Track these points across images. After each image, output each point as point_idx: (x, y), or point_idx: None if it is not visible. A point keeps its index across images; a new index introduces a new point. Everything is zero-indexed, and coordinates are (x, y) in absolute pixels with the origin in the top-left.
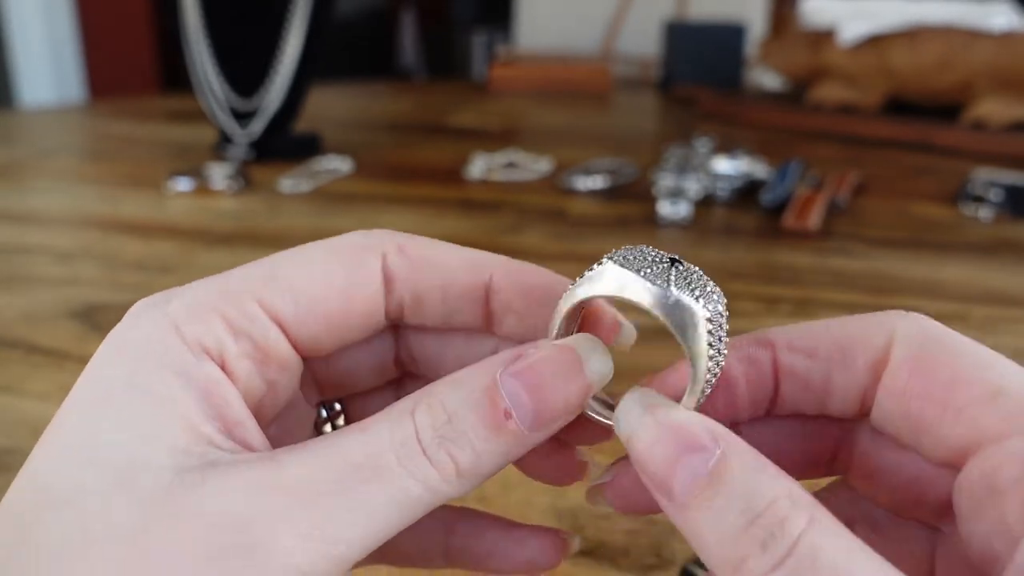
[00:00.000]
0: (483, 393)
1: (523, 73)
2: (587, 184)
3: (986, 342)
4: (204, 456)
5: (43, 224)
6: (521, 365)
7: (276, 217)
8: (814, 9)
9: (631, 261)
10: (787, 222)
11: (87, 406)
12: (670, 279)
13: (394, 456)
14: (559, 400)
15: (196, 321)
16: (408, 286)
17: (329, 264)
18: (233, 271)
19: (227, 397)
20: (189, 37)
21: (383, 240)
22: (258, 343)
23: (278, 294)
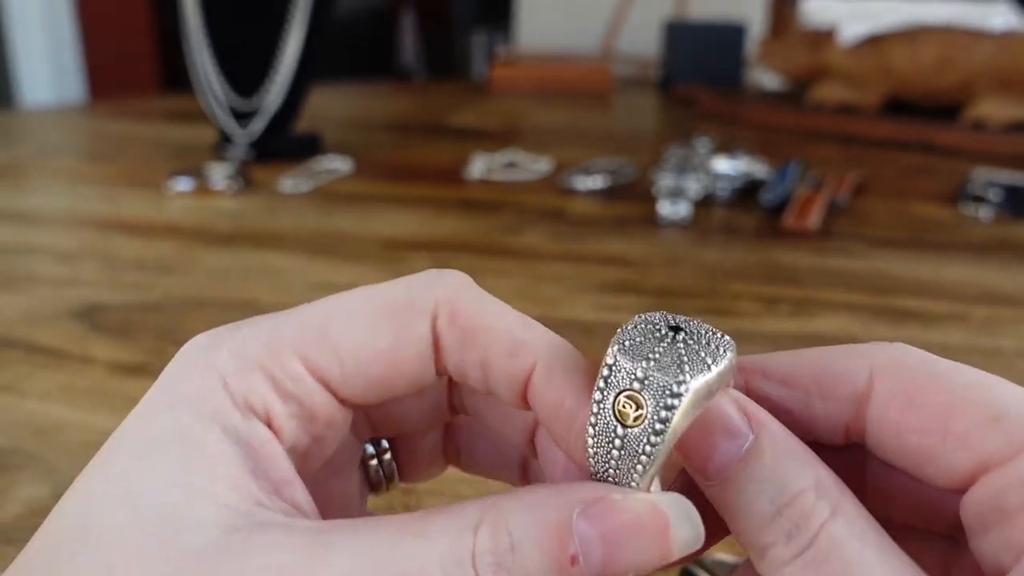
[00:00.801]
0: (554, 531)
1: (523, 73)
2: (587, 184)
3: (986, 342)
4: (250, 516)
5: (43, 224)
6: (601, 513)
7: (276, 217)
8: (814, 9)
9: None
10: (787, 222)
11: (134, 451)
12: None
13: (441, 573)
14: (634, 561)
15: (243, 378)
16: (453, 356)
17: (377, 326)
18: (285, 317)
19: (274, 456)
20: (189, 37)
21: (437, 297)
22: (304, 404)
23: (324, 355)
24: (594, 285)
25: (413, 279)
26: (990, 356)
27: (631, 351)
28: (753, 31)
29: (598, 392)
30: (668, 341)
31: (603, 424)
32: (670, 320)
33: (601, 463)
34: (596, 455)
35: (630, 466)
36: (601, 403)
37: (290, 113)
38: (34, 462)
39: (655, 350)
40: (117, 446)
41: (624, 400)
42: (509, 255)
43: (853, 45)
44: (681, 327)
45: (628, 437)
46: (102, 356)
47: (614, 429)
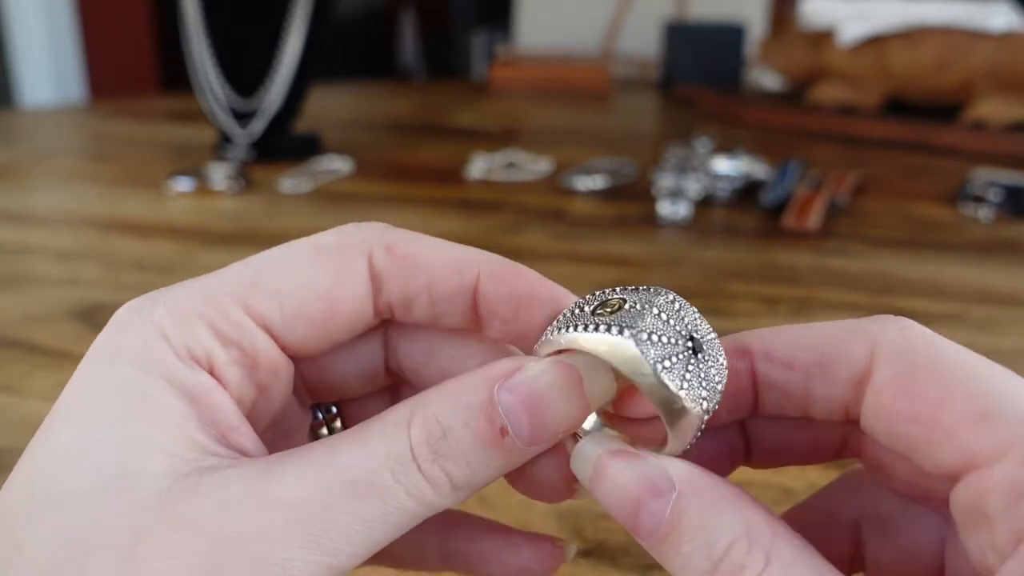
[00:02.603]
0: (479, 409)
1: (523, 73)
2: (587, 184)
3: (986, 342)
4: (199, 463)
5: (43, 224)
6: (519, 381)
7: (276, 217)
8: (814, 10)
9: (652, 343)
10: (787, 222)
11: (78, 412)
12: (685, 378)
13: (389, 473)
14: (557, 419)
15: (183, 328)
16: (395, 287)
17: (314, 266)
18: (218, 273)
19: (219, 403)
20: (189, 37)
21: (370, 237)
22: (246, 349)
23: (263, 299)
24: (594, 285)
25: (342, 227)
26: (990, 356)
27: (658, 316)
28: (753, 31)
29: (600, 292)
30: (687, 354)
31: (572, 309)
32: (692, 331)
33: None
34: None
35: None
36: (596, 293)
37: (290, 113)
38: None
39: (673, 354)
40: (61, 410)
41: (617, 300)
42: (509, 255)
43: (853, 45)
44: (701, 347)
45: (583, 310)
46: None
47: (582, 306)
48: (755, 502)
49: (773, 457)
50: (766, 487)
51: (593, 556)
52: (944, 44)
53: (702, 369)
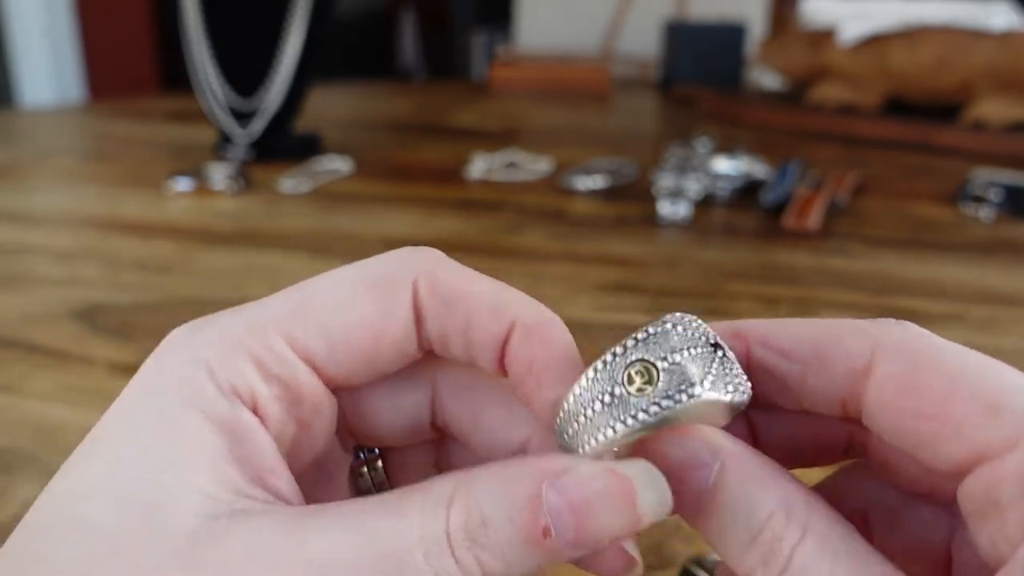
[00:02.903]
0: (524, 504)
1: (523, 73)
2: (587, 184)
3: (986, 342)
4: (232, 504)
5: (43, 224)
6: (569, 483)
7: (276, 217)
8: (814, 9)
9: (707, 382)
10: (787, 222)
11: (117, 438)
12: (726, 383)
13: (422, 554)
14: (605, 530)
15: (227, 362)
16: (435, 324)
17: (360, 298)
18: (265, 301)
19: (258, 442)
20: (189, 37)
21: (416, 269)
22: (289, 384)
23: (308, 331)
24: (594, 285)
25: (390, 255)
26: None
27: (679, 335)
28: (753, 31)
29: (621, 347)
30: (708, 349)
31: (606, 376)
32: (712, 337)
33: (576, 412)
34: (578, 401)
35: (602, 425)
36: (619, 356)
37: (290, 113)
38: (33, 462)
39: (695, 347)
40: (100, 435)
41: (641, 367)
42: (509, 255)
43: (853, 45)
44: (721, 346)
45: (621, 399)
46: (102, 356)
47: (612, 386)
48: (793, 477)
49: (780, 457)
50: None
51: None
52: (944, 44)
53: (726, 364)
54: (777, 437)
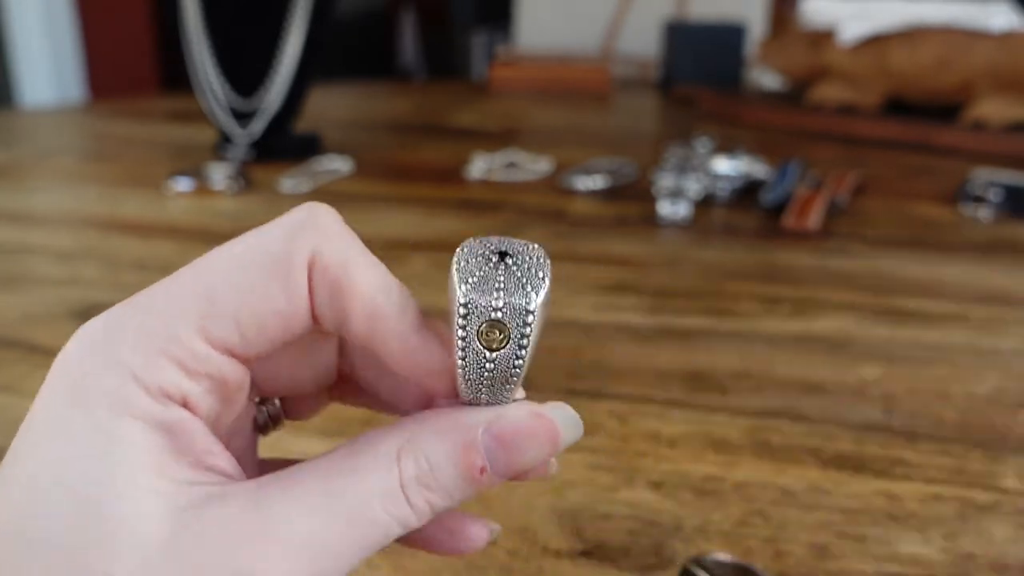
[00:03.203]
0: (465, 449)
1: (523, 73)
2: (587, 184)
3: (986, 342)
4: (188, 495)
5: (43, 224)
6: (501, 428)
7: (276, 217)
8: (814, 9)
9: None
10: (787, 222)
11: (56, 453)
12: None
13: (380, 505)
14: (532, 461)
15: (152, 369)
16: (322, 307)
17: (262, 283)
18: (168, 290)
19: (193, 432)
20: (189, 37)
21: (311, 244)
22: (213, 376)
23: (222, 325)
24: (594, 285)
25: (287, 223)
26: (989, 356)
27: (479, 286)
28: (753, 31)
29: (461, 329)
30: (503, 267)
31: (473, 354)
32: (493, 246)
33: (474, 388)
34: (469, 382)
35: (501, 384)
36: (466, 338)
37: (290, 113)
38: None
39: (498, 279)
40: (33, 449)
41: (487, 328)
42: None
43: (853, 45)
44: (507, 252)
45: (498, 359)
46: None
47: (483, 355)
48: None
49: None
50: (767, 487)
51: (594, 556)
52: (944, 44)
53: (520, 261)
54: None
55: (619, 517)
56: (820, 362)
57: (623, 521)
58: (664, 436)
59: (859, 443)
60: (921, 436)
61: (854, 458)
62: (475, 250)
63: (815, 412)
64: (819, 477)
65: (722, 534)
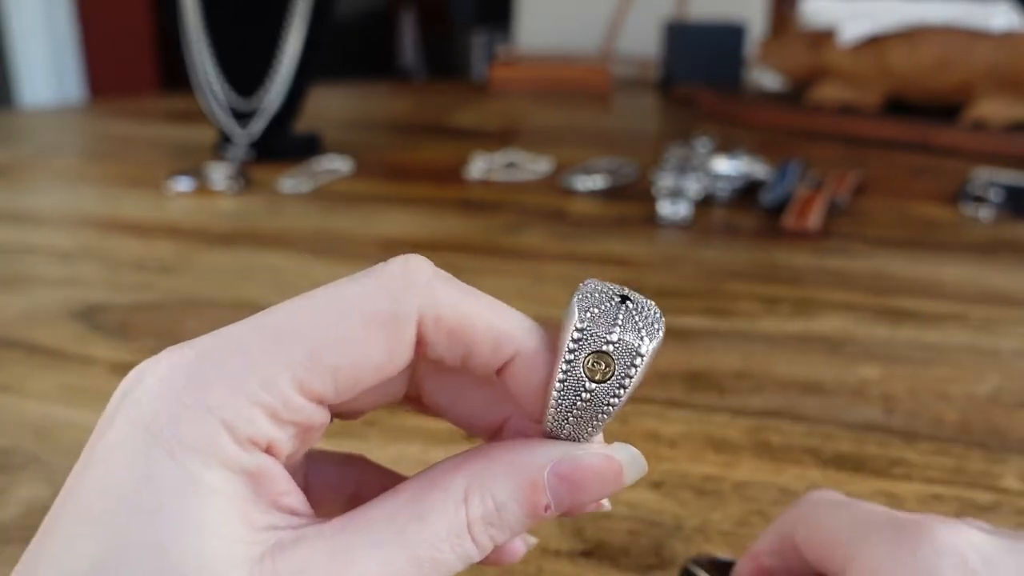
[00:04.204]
0: (531, 489)
1: (523, 73)
2: (587, 184)
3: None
4: (266, 542)
5: (43, 224)
6: (568, 468)
7: (276, 217)
8: (814, 9)
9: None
10: (787, 222)
11: (148, 504)
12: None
13: (448, 546)
14: (592, 500)
15: (243, 417)
16: (436, 351)
17: (367, 339)
18: (272, 335)
19: (274, 476)
20: (189, 37)
21: (419, 299)
22: (301, 424)
23: (319, 378)
24: None
25: (388, 281)
26: (989, 356)
27: (598, 318)
28: (753, 31)
29: (569, 353)
30: (624, 309)
31: (572, 380)
32: (615, 289)
33: (561, 419)
34: (558, 409)
35: (589, 418)
36: (572, 362)
37: (290, 113)
38: (34, 462)
39: (617, 317)
40: (114, 498)
41: (594, 360)
42: (509, 255)
43: (853, 45)
44: (628, 297)
45: (596, 392)
46: (102, 356)
47: (583, 384)
48: None
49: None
50: (767, 487)
51: (594, 556)
52: (944, 44)
53: (637, 306)
54: None
55: (619, 517)
56: (820, 362)
57: (623, 521)
58: (664, 436)
59: (859, 443)
60: (921, 436)
61: (854, 458)
62: (597, 288)
63: (815, 412)
64: (819, 477)
65: (722, 534)
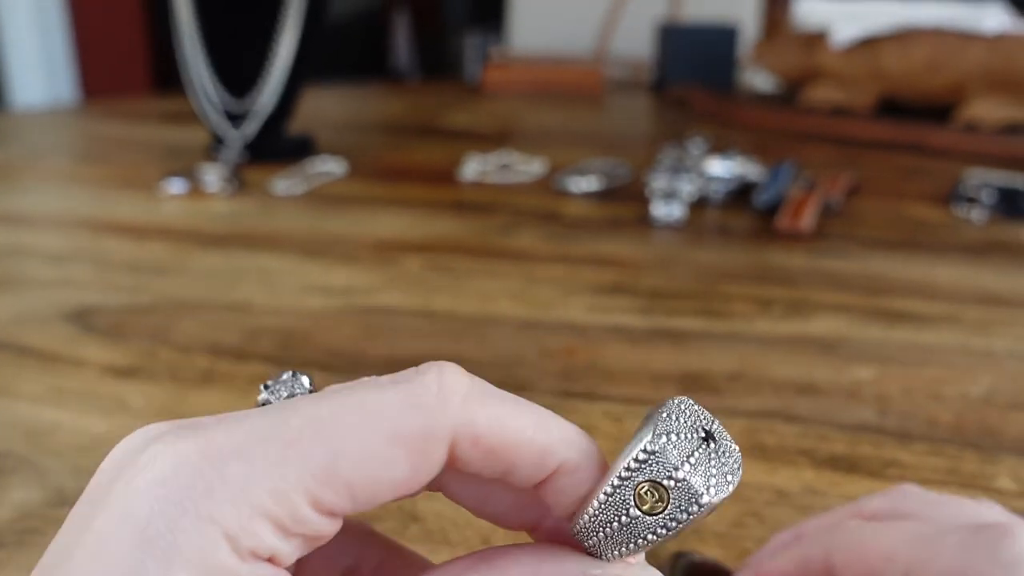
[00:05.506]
0: None
1: (516, 75)
2: (580, 185)
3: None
4: None
5: (35, 226)
6: None
7: (270, 219)
8: (807, 11)
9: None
10: (780, 224)
11: None
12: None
13: None
14: None
15: (248, 530)
16: (473, 467)
17: (392, 460)
18: (282, 445)
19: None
20: (182, 38)
21: (453, 418)
22: (309, 536)
23: (335, 494)
24: (588, 287)
25: (422, 394)
26: (982, 357)
27: (673, 445)
28: (746, 33)
29: (625, 470)
30: (703, 448)
31: (618, 499)
32: (705, 422)
33: (591, 530)
34: (592, 521)
35: (621, 541)
36: (626, 480)
37: (283, 115)
38: (26, 465)
39: (694, 454)
40: None
41: (650, 487)
42: (503, 257)
43: (846, 47)
44: (713, 435)
45: (638, 520)
46: (94, 358)
47: (627, 509)
48: None
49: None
50: (761, 488)
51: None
52: (936, 46)
53: (720, 453)
54: None
55: None
56: (814, 363)
57: None
58: None
59: (853, 444)
60: (915, 437)
61: (848, 459)
62: (687, 414)
63: (809, 413)
64: (813, 478)
65: (717, 535)
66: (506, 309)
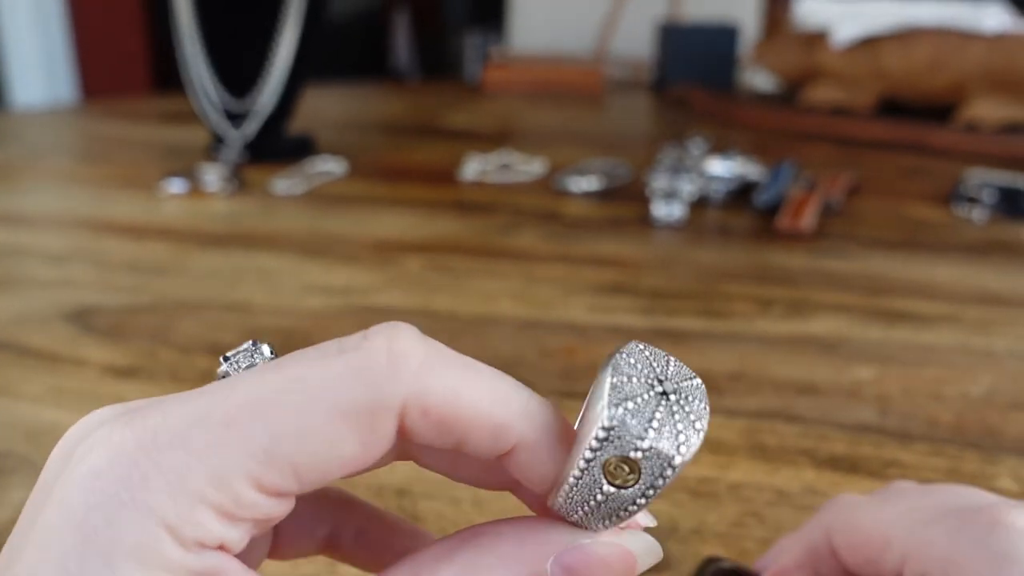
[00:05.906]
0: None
1: (516, 74)
2: (581, 185)
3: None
4: None
5: (35, 226)
6: (576, 559)
7: (270, 219)
8: (807, 11)
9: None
10: (781, 223)
11: None
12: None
13: None
14: None
15: (189, 519)
16: (425, 439)
17: (337, 437)
18: (208, 420)
19: (225, 570)
20: (182, 38)
21: (403, 388)
22: (258, 519)
23: (279, 474)
24: (588, 286)
25: (368, 364)
26: (982, 357)
27: (631, 415)
28: (746, 32)
29: (589, 451)
30: (664, 403)
31: (589, 480)
32: (659, 370)
33: (570, 509)
34: (568, 502)
35: (603, 516)
36: (591, 461)
37: (283, 114)
38: (26, 465)
39: (655, 416)
40: None
41: (617, 462)
42: (503, 256)
43: (846, 46)
44: (670, 382)
45: (614, 496)
46: (94, 358)
47: (600, 486)
48: None
49: None
50: (762, 488)
51: None
52: (937, 45)
53: (680, 404)
54: None
55: None
56: (814, 363)
57: None
58: None
59: (853, 444)
60: (915, 437)
61: (848, 459)
62: (639, 366)
63: (809, 413)
64: (814, 478)
65: (717, 535)
66: (506, 309)
